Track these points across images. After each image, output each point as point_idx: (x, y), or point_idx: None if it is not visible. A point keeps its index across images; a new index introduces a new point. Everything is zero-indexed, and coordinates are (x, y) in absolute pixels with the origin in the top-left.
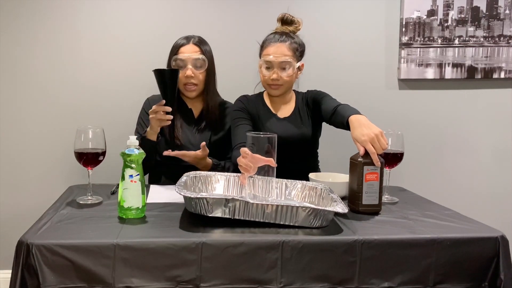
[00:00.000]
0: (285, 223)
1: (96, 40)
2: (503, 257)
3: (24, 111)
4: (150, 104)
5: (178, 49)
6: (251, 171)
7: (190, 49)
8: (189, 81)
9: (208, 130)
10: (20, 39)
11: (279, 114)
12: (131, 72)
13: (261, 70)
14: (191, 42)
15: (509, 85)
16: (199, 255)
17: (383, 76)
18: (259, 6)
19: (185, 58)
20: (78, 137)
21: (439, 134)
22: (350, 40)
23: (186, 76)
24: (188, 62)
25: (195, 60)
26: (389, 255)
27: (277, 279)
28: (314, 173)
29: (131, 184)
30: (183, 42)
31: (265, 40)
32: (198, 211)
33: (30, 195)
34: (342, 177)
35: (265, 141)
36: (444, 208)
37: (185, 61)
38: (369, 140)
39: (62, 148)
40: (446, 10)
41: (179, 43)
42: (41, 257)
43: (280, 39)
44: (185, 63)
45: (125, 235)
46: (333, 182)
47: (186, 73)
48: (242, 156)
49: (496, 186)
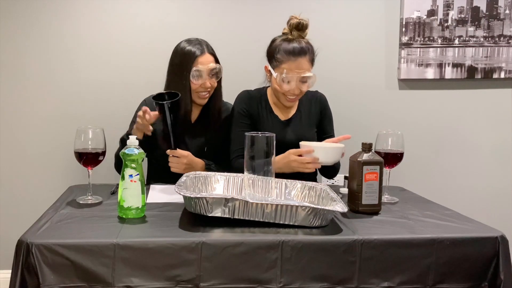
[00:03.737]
0: (284, 222)
1: (96, 40)
2: (503, 257)
3: (24, 111)
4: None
5: (195, 60)
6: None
7: (207, 59)
8: (205, 90)
9: (205, 134)
10: (20, 40)
11: (280, 116)
12: (131, 72)
13: (279, 83)
14: (206, 52)
15: (509, 85)
16: (198, 255)
17: (383, 76)
18: (260, 7)
19: (203, 69)
20: (78, 137)
21: (439, 134)
22: (350, 40)
23: (204, 87)
24: (206, 73)
25: (212, 70)
26: (388, 255)
27: (277, 279)
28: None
29: (131, 184)
30: (197, 53)
31: (280, 50)
32: (198, 210)
33: (30, 195)
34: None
35: (263, 140)
36: (444, 208)
37: (203, 71)
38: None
39: (62, 148)
40: (446, 10)
41: (193, 52)
42: (41, 256)
43: (301, 53)
44: (203, 74)
45: (125, 234)
46: (325, 147)
47: (205, 84)
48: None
49: (496, 186)
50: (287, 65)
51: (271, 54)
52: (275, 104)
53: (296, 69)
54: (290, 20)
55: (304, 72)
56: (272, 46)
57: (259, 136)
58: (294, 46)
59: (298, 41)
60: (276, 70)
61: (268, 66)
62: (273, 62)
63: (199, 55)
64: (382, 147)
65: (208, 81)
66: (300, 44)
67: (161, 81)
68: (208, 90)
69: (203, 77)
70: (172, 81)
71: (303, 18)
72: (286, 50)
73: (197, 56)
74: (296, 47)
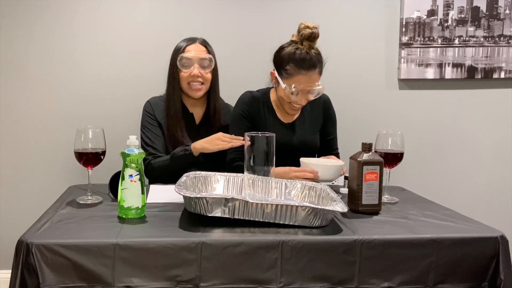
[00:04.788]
0: (284, 222)
1: (97, 40)
2: (503, 257)
3: (24, 111)
4: (152, 107)
5: (184, 48)
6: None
7: (197, 48)
8: (195, 80)
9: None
10: (20, 40)
11: (283, 118)
12: (131, 72)
13: (287, 94)
14: (197, 42)
15: (509, 85)
16: (198, 255)
17: (383, 76)
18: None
19: (191, 57)
20: (78, 137)
21: (439, 134)
22: (350, 40)
23: (192, 75)
24: (195, 61)
25: (202, 59)
26: (389, 255)
27: (277, 279)
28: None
29: (131, 184)
30: (188, 42)
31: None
32: (198, 210)
33: (30, 195)
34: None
35: (263, 140)
36: (444, 208)
37: (191, 60)
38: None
39: (62, 148)
40: (446, 10)
41: (184, 43)
42: (41, 256)
43: (312, 67)
44: (191, 62)
45: (125, 234)
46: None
47: (193, 72)
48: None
49: (496, 186)
50: (297, 79)
51: (279, 63)
52: (278, 106)
53: (306, 82)
54: (301, 29)
55: (314, 85)
56: (281, 55)
57: (259, 136)
58: (306, 59)
59: (309, 53)
60: (285, 81)
61: (275, 73)
62: (282, 73)
63: (189, 44)
64: (382, 147)
65: (197, 69)
66: (311, 56)
67: (161, 81)
68: (199, 80)
69: (192, 65)
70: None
71: (314, 26)
72: (297, 63)
73: (186, 45)
74: (307, 61)
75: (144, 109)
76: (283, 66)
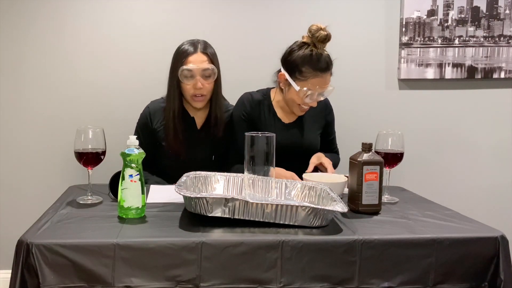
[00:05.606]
0: (284, 222)
1: (97, 40)
2: (503, 257)
3: (24, 111)
4: (151, 115)
5: (185, 58)
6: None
7: (198, 58)
8: (197, 93)
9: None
10: (20, 40)
11: (284, 119)
12: (131, 72)
13: (301, 97)
14: (199, 51)
15: (509, 85)
16: (198, 255)
17: (383, 76)
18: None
19: (193, 69)
20: (78, 137)
21: (439, 134)
22: (350, 40)
23: (195, 87)
24: (197, 74)
25: (204, 70)
26: (389, 255)
27: (277, 279)
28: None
29: (131, 184)
30: (190, 51)
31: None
32: (198, 211)
33: (30, 195)
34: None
35: (263, 140)
36: (444, 208)
37: (193, 71)
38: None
39: (62, 148)
40: (446, 10)
41: (185, 50)
42: (41, 256)
43: (327, 69)
44: (193, 74)
45: (125, 234)
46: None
47: (195, 85)
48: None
49: (496, 186)
50: (313, 81)
51: (292, 66)
52: (279, 107)
53: (321, 84)
54: (315, 31)
55: (327, 86)
56: (293, 56)
57: (259, 136)
58: (322, 61)
59: (323, 55)
60: (300, 83)
61: (285, 75)
62: (295, 75)
63: (190, 53)
64: (382, 147)
65: (199, 81)
66: (325, 59)
67: (161, 82)
68: (201, 93)
69: (194, 77)
70: (168, 81)
71: (326, 28)
72: (314, 66)
73: (187, 54)
74: (323, 63)
75: (141, 115)
76: (297, 69)
